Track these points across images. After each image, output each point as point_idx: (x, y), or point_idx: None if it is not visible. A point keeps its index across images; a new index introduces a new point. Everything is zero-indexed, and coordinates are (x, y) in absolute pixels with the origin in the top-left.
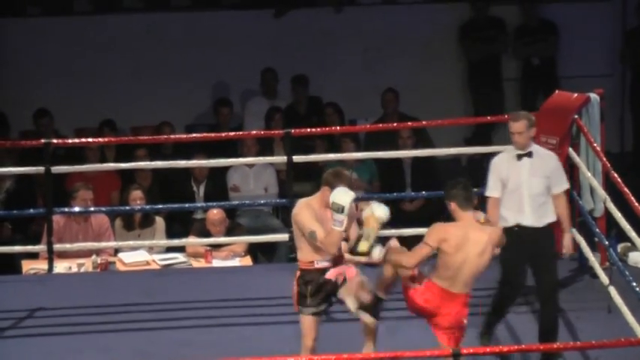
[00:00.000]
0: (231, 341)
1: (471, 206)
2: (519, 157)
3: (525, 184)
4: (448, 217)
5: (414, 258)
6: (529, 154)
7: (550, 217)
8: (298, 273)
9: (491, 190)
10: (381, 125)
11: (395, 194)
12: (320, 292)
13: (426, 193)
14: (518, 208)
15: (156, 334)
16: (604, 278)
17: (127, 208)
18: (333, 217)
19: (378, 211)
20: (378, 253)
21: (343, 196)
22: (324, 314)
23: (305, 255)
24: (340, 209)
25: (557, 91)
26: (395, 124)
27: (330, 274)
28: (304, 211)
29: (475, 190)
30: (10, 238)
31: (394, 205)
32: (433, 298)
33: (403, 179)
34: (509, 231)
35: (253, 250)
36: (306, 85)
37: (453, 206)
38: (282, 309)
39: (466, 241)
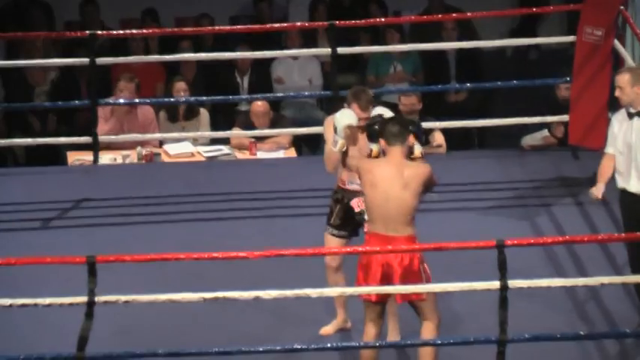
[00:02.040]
0: (276, 232)
1: (400, 141)
2: (630, 115)
3: (633, 146)
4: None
5: None
6: (638, 114)
7: None
8: (334, 188)
9: (607, 146)
10: (425, 17)
11: (439, 86)
12: (345, 218)
13: (471, 85)
14: (625, 172)
15: (200, 226)
16: None
17: (172, 99)
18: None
19: (338, 116)
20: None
21: (342, 117)
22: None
23: (339, 172)
24: (335, 130)
25: None
26: (439, 16)
27: (354, 203)
28: (326, 125)
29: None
30: (55, 129)
31: (439, 96)
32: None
33: (447, 71)
34: (621, 194)
35: (297, 142)
36: None
37: (382, 143)
38: (326, 200)
39: (386, 177)
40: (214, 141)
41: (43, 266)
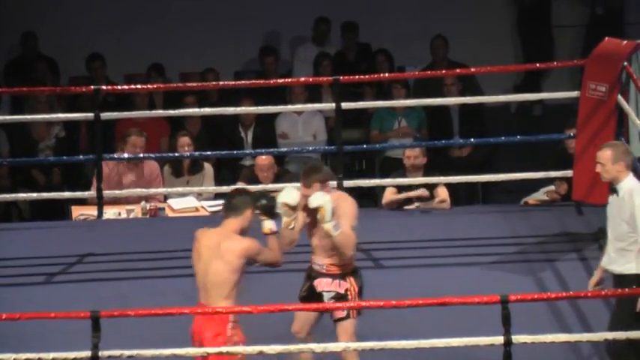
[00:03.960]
0: (279, 286)
1: (233, 214)
2: (611, 191)
3: (608, 222)
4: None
5: None
6: (616, 191)
7: (631, 267)
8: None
9: None
10: (429, 72)
11: (443, 141)
12: (309, 293)
13: (474, 140)
14: (606, 249)
15: None
16: None
17: (176, 154)
18: None
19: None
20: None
21: (282, 195)
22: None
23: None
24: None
25: (606, 38)
26: (443, 71)
27: (316, 282)
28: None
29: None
30: (59, 183)
31: (443, 151)
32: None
33: (451, 126)
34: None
35: None
36: (356, 31)
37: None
38: None
39: (208, 248)
40: (218, 195)
41: (48, 321)
